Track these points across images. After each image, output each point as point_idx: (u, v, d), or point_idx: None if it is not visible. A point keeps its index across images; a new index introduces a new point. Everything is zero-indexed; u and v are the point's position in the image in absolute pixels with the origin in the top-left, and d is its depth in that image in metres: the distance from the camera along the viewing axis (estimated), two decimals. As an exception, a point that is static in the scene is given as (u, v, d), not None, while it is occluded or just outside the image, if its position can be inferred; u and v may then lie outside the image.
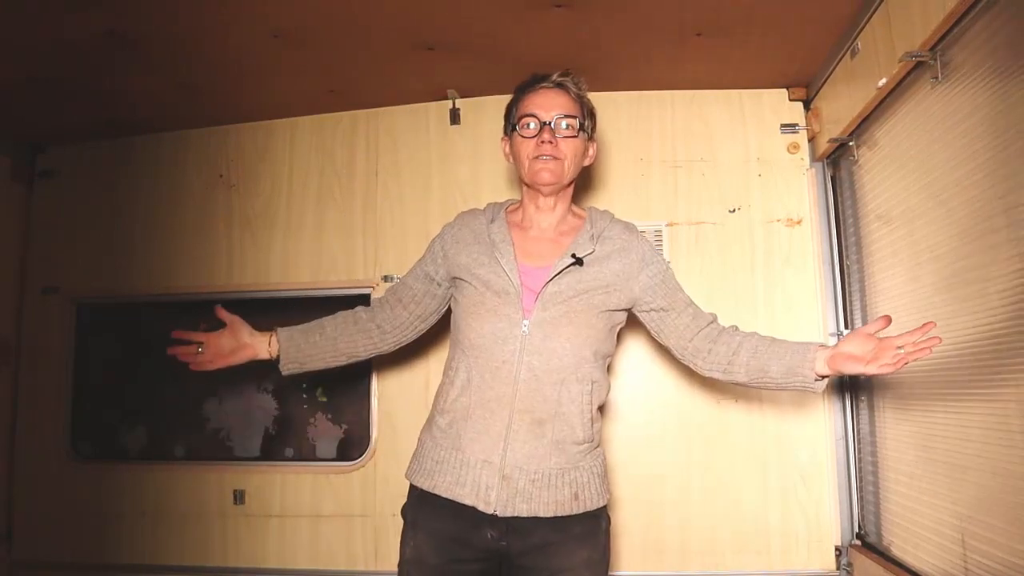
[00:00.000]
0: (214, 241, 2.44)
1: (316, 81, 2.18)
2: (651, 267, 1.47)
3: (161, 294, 2.45)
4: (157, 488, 2.38)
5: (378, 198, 2.37)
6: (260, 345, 1.51)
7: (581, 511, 1.37)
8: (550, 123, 1.42)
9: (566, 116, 1.43)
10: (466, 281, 1.44)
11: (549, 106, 1.44)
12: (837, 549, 2.07)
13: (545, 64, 2.06)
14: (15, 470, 2.45)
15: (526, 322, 1.37)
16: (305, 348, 1.52)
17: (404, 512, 1.46)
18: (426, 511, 1.41)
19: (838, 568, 2.06)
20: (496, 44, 1.95)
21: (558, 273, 1.40)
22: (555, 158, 1.42)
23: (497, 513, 1.34)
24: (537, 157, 1.42)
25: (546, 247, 1.46)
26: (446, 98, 2.32)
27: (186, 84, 2.14)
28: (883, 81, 1.67)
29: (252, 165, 2.45)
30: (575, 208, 1.55)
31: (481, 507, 1.34)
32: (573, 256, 1.41)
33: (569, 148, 1.43)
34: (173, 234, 2.47)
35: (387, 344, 1.58)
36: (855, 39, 1.81)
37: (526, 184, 1.48)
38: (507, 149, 1.52)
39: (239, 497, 2.32)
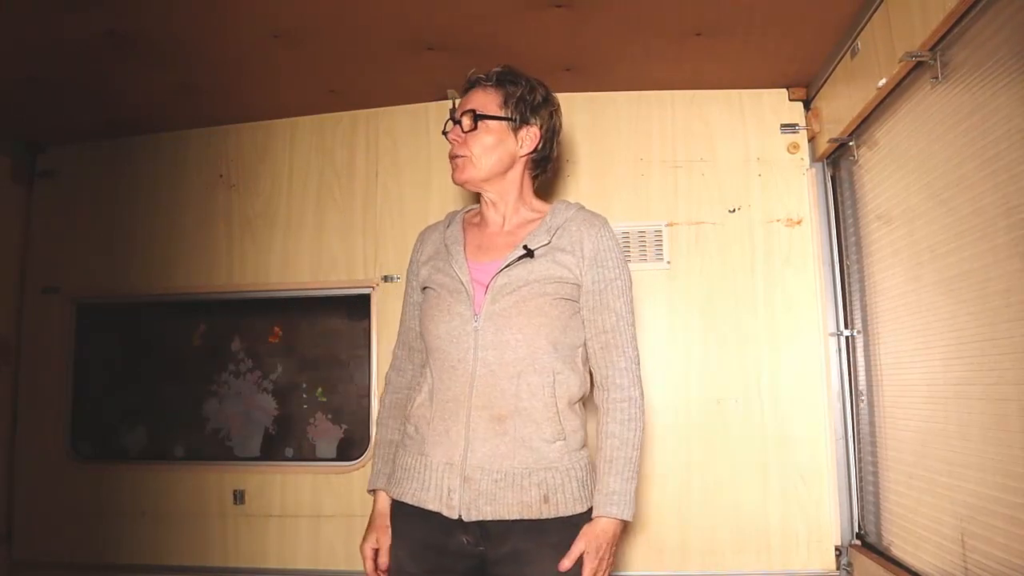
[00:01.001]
0: (214, 241, 2.44)
1: (316, 81, 2.18)
2: (598, 271, 1.38)
3: (161, 294, 2.45)
4: (157, 488, 2.38)
5: (378, 198, 2.37)
6: (387, 511, 1.46)
7: (553, 516, 1.30)
8: (458, 122, 1.42)
9: (466, 111, 1.41)
10: (429, 288, 1.44)
11: (462, 106, 1.44)
12: (837, 549, 2.07)
13: (545, 64, 2.08)
14: (15, 470, 2.45)
15: (477, 318, 1.34)
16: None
17: None
18: (400, 519, 1.39)
19: (838, 568, 2.06)
20: (496, 44, 1.95)
21: (507, 265, 1.36)
22: (462, 156, 1.41)
23: (462, 517, 1.29)
24: (450, 157, 1.44)
25: (502, 240, 1.43)
26: (446, 98, 2.32)
27: (186, 84, 2.14)
28: (883, 81, 1.67)
29: (252, 165, 2.46)
30: (536, 202, 1.49)
31: (445, 512, 1.30)
32: (525, 248, 1.37)
33: (476, 143, 1.40)
34: (173, 234, 2.47)
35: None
36: (855, 39, 1.81)
37: None
38: None
39: (239, 497, 2.32)
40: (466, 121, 1.40)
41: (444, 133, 1.46)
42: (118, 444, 2.52)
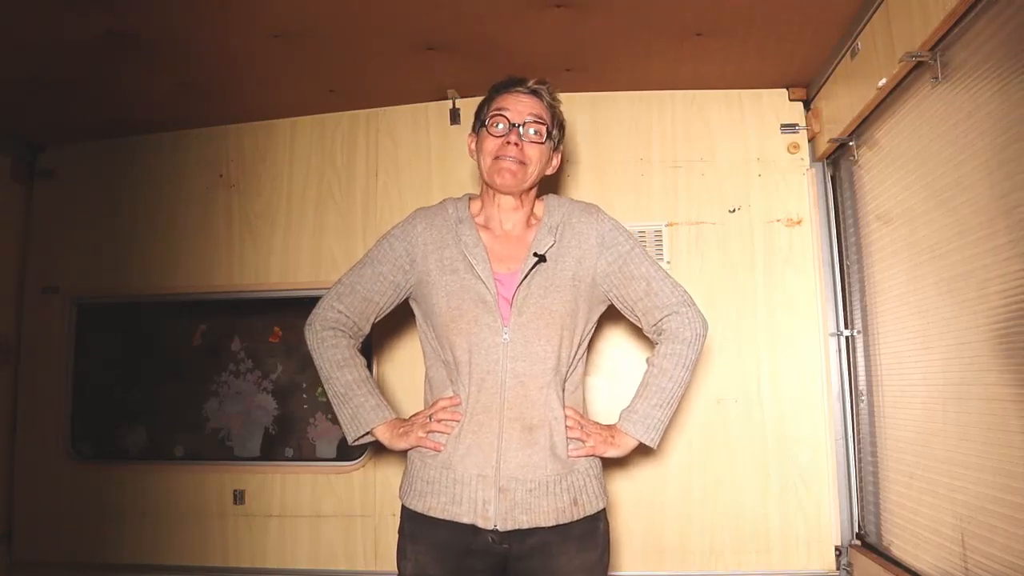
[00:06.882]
0: (214, 241, 2.44)
1: (316, 81, 2.18)
2: (609, 252, 1.41)
3: (161, 294, 2.45)
4: (157, 488, 2.38)
5: (378, 198, 2.37)
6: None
7: (581, 516, 1.36)
8: (519, 126, 1.39)
9: (536, 122, 1.40)
10: (439, 290, 1.39)
11: (521, 110, 1.40)
12: (837, 549, 2.07)
13: (545, 64, 2.08)
14: (15, 470, 2.45)
15: (506, 329, 1.34)
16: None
17: (401, 528, 1.43)
18: (424, 526, 1.37)
19: (838, 568, 2.06)
20: (496, 44, 1.95)
21: (525, 277, 1.37)
22: (520, 162, 1.38)
23: (498, 528, 1.31)
24: (499, 157, 1.38)
25: (513, 248, 1.43)
26: (446, 98, 2.32)
27: (186, 84, 2.14)
28: (883, 81, 1.67)
29: (252, 165, 2.46)
30: (536, 202, 1.50)
31: (480, 524, 1.31)
32: (535, 255, 1.38)
33: (535, 154, 1.40)
34: (173, 234, 2.47)
35: None
36: (855, 39, 1.81)
37: (485, 183, 1.44)
38: (472, 146, 1.48)
39: (239, 497, 2.32)
40: (535, 130, 1.39)
41: (483, 126, 1.42)
42: (118, 444, 2.52)
